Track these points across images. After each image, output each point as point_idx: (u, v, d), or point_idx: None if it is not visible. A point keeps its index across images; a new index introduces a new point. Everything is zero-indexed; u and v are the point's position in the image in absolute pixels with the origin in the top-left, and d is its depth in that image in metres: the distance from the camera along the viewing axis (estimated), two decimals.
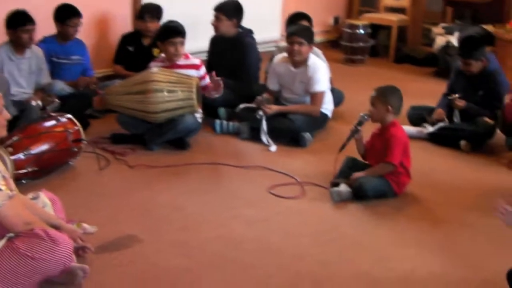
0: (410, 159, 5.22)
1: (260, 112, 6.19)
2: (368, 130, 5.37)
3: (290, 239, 4.41)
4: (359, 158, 5.41)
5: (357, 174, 5.12)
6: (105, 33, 7.60)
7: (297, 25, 6.66)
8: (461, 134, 6.34)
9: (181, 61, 6.21)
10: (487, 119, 6.35)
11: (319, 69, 6.39)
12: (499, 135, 6.35)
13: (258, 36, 7.39)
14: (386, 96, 5.13)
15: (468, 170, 5.88)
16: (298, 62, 6.37)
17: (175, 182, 5.27)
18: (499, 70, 6.57)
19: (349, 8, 11.05)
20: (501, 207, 3.64)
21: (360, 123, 5.24)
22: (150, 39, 7.21)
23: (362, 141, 5.33)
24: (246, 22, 7.19)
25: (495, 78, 6.43)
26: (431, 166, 5.86)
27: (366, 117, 5.22)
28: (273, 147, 6.10)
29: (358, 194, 5.05)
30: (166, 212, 4.71)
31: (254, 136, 6.26)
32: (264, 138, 6.18)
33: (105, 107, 6.10)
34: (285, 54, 6.57)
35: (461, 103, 6.40)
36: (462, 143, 6.31)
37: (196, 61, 6.29)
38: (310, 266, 4.08)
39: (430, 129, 6.49)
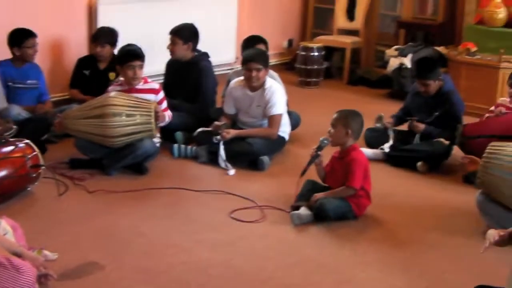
0: (370, 182, 5.26)
1: (218, 137, 6.18)
2: (328, 154, 5.40)
3: (255, 263, 4.42)
4: (319, 180, 5.43)
5: (318, 195, 5.14)
6: (61, 57, 7.55)
7: (252, 50, 6.66)
8: (417, 155, 6.40)
9: (140, 85, 6.20)
10: (443, 140, 6.43)
11: (276, 92, 6.42)
12: (455, 155, 6.42)
13: (213, 59, 7.40)
14: (347, 120, 5.17)
15: (426, 190, 5.95)
16: (255, 86, 6.39)
17: (135, 207, 5.24)
18: (454, 90, 6.69)
19: (303, 31, 11.12)
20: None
21: (320, 147, 5.27)
22: (106, 63, 7.18)
23: (322, 165, 5.36)
24: (201, 45, 7.20)
25: (451, 98, 6.53)
26: (390, 188, 5.91)
27: (326, 141, 5.25)
28: (232, 171, 6.10)
29: (319, 215, 5.07)
30: (128, 237, 4.68)
31: (213, 159, 6.25)
32: (223, 163, 6.17)
33: (64, 131, 6.06)
34: (241, 78, 6.58)
35: (420, 126, 6.47)
36: (419, 164, 6.37)
37: (155, 85, 6.28)
38: None
39: (386, 149, 6.55)
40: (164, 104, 6.25)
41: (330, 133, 5.22)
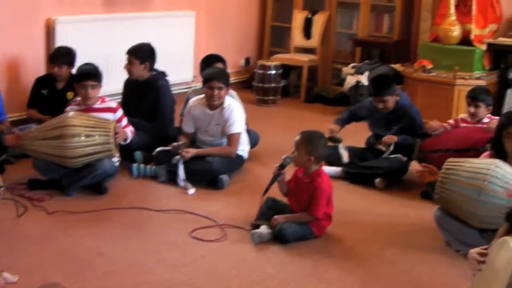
0: (333, 205, 5.29)
1: (177, 157, 6.18)
2: (291, 168, 5.42)
3: (218, 282, 4.42)
4: (279, 197, 5.43)
5: (278, 219, 5.16)
6: (18, 76, 7.49)
7: (214, 69, 6.68)
8: (375, 172, 6.47)
9: (97, 104, 6.18)
10: (401, 156, 6.50)
11: (235, 110, 6.44)
12: (413, 171, 6.50)
13: (171, 78, 7.40)
14: (310, 146, 5.16)
15: (385, 206, 6.01)
16: (216, 104, 6.41)
17: (96, 228, 5.22)
18: (411, 104, 6.81)
19: (260, 49, 11.17)
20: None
21: (282, 166, 5.28)
22: (64, 83, 7.14)
23: (285, 182, 5.36)
24: (159, 64, 7.20)
25: (410, 111, 6.65)
26: (349, 205, 5.95)
27: (288, 160, 5.27)
28: (192, 190, 6.09)
29: (279, 238, 5.09)
30: (90, 258, 4.65)
31: (172, 179, 6.24)
32: (182, 183, 6.17)
33: (20, 149, 6.02)
34: (200, 96, 6.59)
35: (393, 137, 6.53)
36: (377, 180, 6.44)
37: (112, 104, 6.26)
38: None
39: (345, 159, 6.60)
40: (125, 121, 6.25)
41: (293, 154, 5.24)
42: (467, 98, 6.54)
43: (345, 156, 6.64)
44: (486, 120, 6.39)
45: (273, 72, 9.78)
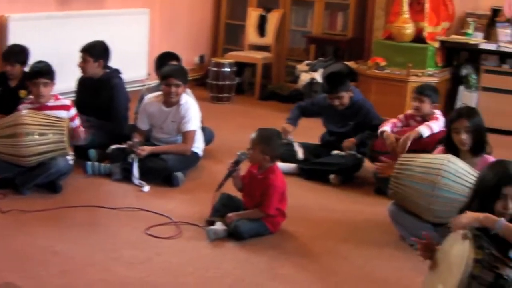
0: (286, 202, 5.32)
1: (132, 155, 6.16)
2: (246, 164, 5.44)
3: (174, 278, 4.42)
4: (234, 193, 5.45)
5: (232, 216, 5.17)
6: None
7: (173, 66, 6.67)
8: (330, 168, 6.52)
9: (51, 102, 6.12)
10: (355, 153, 6.56)
11: (191, 108, 6.44)
12: (367, 167, 6.56)
13: (125, 76, 7.36)
14: (265, 145, 5.18)
15: (339, 202, 6.06)
16: (173, 102, 6.39)
17: (51, 226, 5.17)
18: (364, 99, 6.90)
19: (214, 47, 11.18)
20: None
21: (237, 162, 5.29)
22: (17, 81, 7.06)
23: (240, 177, 5.38)
24: (113, 62, 7.15)
25: (364, 105, 6.74)
26: (303, 201, 5.99)
27: (243, 156, 5.28)
28: (146, 188, 6.07)
29: (234, 236, 5.10)
30: (45, 257, 4.61)
31: (127, 176, 6.21)
32: (136, 180, 6.15)
33: None
34: (156, 94, 6.58)
35: (352, 141, 6.58)
36: (332, 176, 6.49)
37: (66, 102, 6.21)
38: None
39: (300, 156, 6.63)
40: (77, 121, 6.19)
41: (249, 152, 5.25)
42: (413, 93, 6.62)
43: (300, 153, 6.68)
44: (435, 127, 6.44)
45: (227, 69, 9.79)
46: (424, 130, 6.11)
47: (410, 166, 5.04)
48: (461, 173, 4.84)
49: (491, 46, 8.91)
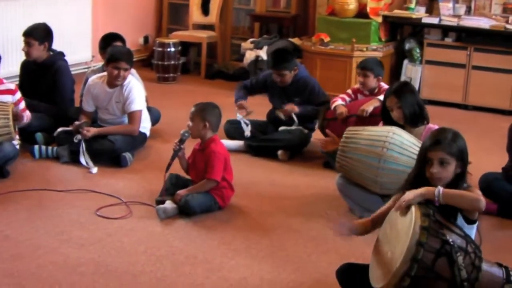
0: (232, 173, 5.36)
1: (79, 136, 6.13)
2: (190, 146, 5.46)
3: (126, 258, 4.43)
4: (182, 174, 5.48)
5: (181, 192, 5.19)
6: None
7: (120, 49, 6.58)
8: (277, 144, 6.56)
9: None
10: (302, 128, 6.61)
11: (134, 88, 6.41)
12: (314, 142, 6.63)
13: (69, 58, 7.31)
14: (204, 113, 5.25)
15: (288, 177, 6.12)
16: (117, 84, 6.37)
17: (0, 211, 5.13)
18: (310, 76, 6.95)
19: (159, 27, 11.14)
20: (335, 219, 3.80)
21: (181, 141, 5.32)
22: None
23: (185, 157, 5.41)
24: (56, 45, 7.10)
25: (309, 81, 6.78)
26: (252, 177, 6.04)
27: (186, 134, 5.31)
28: (94, 169, 6.05)
29: (185, 211, 5.13)
30: None
31: (75, 159, 6.18)
32: (83, 160, 6.12)
33: None
34: (99, 75, 6.55)
35: (294, 108, 6.62)
36: (280, 152, 6.54)
37: (11, 86, 6.13)
38: (147, 283, 4.12)
39: (247, 133, 6.66)
40: (22, 105, 6.13)
41: (189, 126, 5.29)
42: (357, 68, 6.69)
43: (247, 131, 6.71)
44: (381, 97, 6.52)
45: (172, 49, 9.76)
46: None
47: (356, 139, 5.09)
48: (406, 144, 4.91)
49: (433, 20, 9.01)
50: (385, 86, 6.49)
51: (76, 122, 6.22)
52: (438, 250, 3.34)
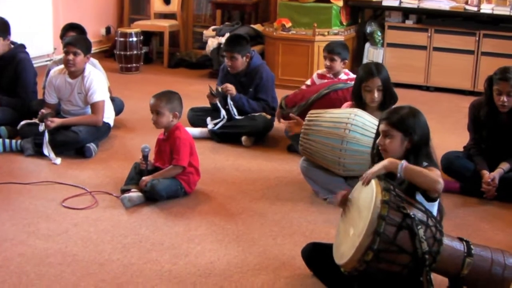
0: (197, 158, 5.39)
1: (42, 127, 6.11)
2: (154, 135, 5.47)
3: (92, 247, 4.44)
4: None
5: (146, 178, 5.21)
6: None
7: (73, 36, 6.62)
8: (241, 131, 6.59)
9: None
10: (265, 114, 6.64)
11: (96, 78, 6.39)
12: (278, 127, 6.68)
13: (31, 51, 7.27)
14: (172, 104, 5.24)
15: (253, 162, 6.16)
16: (75, 73, 6.35)
17: None
18: (263, 65, 6.94)
19: (120, 17, 11.10)
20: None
21: (145, 157, 5.30)
22: None
23: (152, 161, 5.42)
24: (17, 38, 7.07)
25: (261, 73, 6.77)
26: (218, 163, 6.07)
27: (147, 149, 5.28)
28: (58, 160, 6.03)
29: (151, 197, 5.15)
30: None
31: (39, 151, 6.16)
32: (46, 151, 6.10)
33: None
34: (60, 66, 6.53)
35: (232, 89, 6.65)
36: (243, 138, 6.57)
37: None
38: (114, 271, 4.14)
39: (210, 126, 6.68)
40: None
41: (155, 119, 5.27)
42: (323, 52, 6.73)
43: (210, 125, 6.69)
44: (343, 76, 6.57)
45: (134, 39, 9.73)
46: None
47: (318, 121, 5.13)
48: (368, 125, 4.97)
49: (394, 3, 9.07)
50: (349, 72, 6.58)
51: (41, 111, 6.19)
52: (399, 223, 3.40)
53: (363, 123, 5.00)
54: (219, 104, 6.67)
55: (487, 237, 4.68)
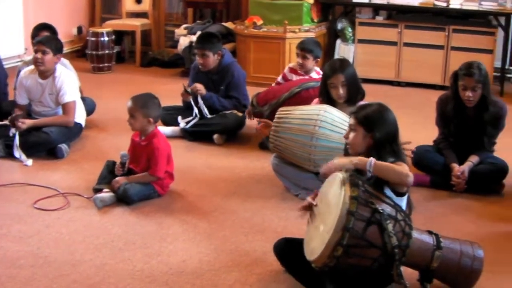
0: (173, 163, 5.39)
1: (13, 130, 6.09)
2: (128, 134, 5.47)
3: (65, 248, 4.44)
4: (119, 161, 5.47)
5: (120, 180, 5.20)
6: None
7: (44, 36, 6.60)
8: (213, 129, 6.60)
9: None
10: (236, 112, 6.66)
11: (66, 79, 6.37)
12: (250, 125, 6.71)
13: (1, 51, 7.28)
14: (146, 109, 5.20)
15: (224, 160, 6.19)
16: (45, 73, 6.33)
17: None
18: (234, 62, 6.97)
19: (92, 17, 11.07)
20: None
21: (123, 164, 5.29)
22: None
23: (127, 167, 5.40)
24: None
25: (232, 70, 6.78)
26: (189, 161, 6.09)
27: (125, 158, 5.28)
28: (29, 161, 6.01)
29: (123, 200, 5.15)
30: None
31: (10, 153, 6.13)
32: (17, 153, 6.07)
33: None
34: (31, 67, 6.51)
35: (202, 89, 6.65)
36: (215, 136, 6.58)
37: None
38: (87, 271, 4.14)
39: (182, 125, 6.68)
40: None
41: (129, 121, 5.26)
42: (296, 49, 6.75)
43: (182, 123, 6.69)
44: (315, 75, 6.59)
45: (106, 38, 9.71)
46: None
47: (288, 119, 5.16)
48: (337, 121, 5.00)
49: None
50: (317, 69, 6.61)
51: (11, 115, 6.17)
52: (368, 218, 3.43)
53: (333, 119, 5.03)
54: (192, 102, 6.67)
55: (458, 229, 4.72)
